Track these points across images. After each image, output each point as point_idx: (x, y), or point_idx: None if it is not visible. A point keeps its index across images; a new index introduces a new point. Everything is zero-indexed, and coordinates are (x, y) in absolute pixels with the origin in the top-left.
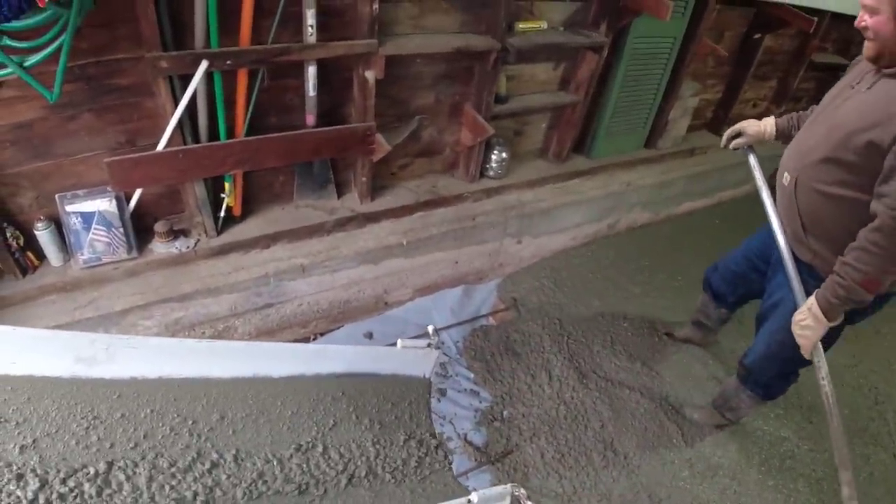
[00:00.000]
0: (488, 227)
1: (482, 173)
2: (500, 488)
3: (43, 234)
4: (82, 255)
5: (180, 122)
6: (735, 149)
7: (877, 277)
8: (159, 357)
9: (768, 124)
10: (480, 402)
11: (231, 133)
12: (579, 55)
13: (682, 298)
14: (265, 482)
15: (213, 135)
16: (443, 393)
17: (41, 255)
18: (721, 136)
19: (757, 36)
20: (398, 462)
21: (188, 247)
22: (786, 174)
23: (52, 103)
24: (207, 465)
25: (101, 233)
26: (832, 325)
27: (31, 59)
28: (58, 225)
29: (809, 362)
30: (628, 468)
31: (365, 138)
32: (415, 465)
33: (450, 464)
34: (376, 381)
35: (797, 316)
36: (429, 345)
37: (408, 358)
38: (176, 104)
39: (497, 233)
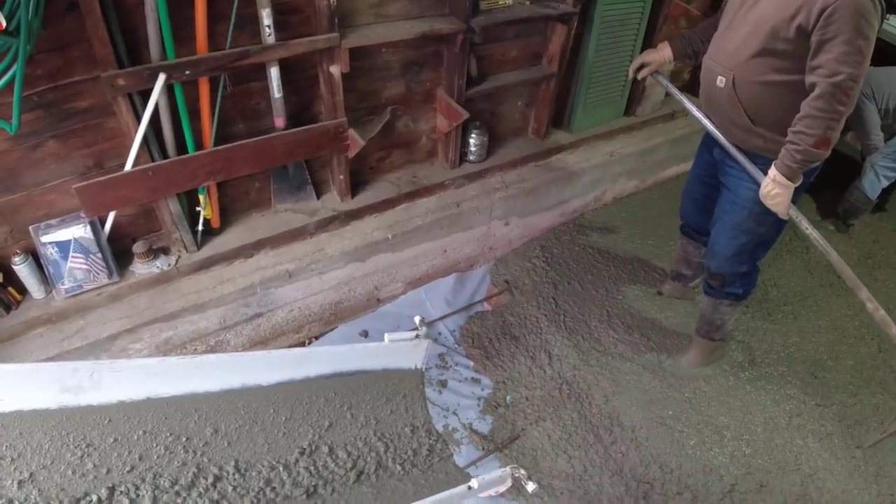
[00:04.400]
0: (474, 213)
1: (462, 158)
2: (499, 472)
3: (21, 269)
4: (63, 284)
5: (146, 139)
6: (642, 78)
7: (826, 136)
8: (145, 378)
9: (665, 48)
10: (482, 389)
11: (199, 144)
12: (548, 28)
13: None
14: (273, 489)
15: (182, 148)
16: (444, 384)
17: (22, 290)
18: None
19: None
20: (409, 453)
21: (169, 265)
22: (719, 78)
23: (12, 135)
24: (211, 479)
25: (80, 260)
26: (796, 185)
27: None
28: (35, 257)
29: (770, 247)
30: (636, 441)
31: (337, 135)
32: (426, 453)
33: (450, 454)
34: (368, 377)
35: (764, 190)
36: (417, 336)
37: (397, 351)
38: (139, 121)
39: (483, 217)
